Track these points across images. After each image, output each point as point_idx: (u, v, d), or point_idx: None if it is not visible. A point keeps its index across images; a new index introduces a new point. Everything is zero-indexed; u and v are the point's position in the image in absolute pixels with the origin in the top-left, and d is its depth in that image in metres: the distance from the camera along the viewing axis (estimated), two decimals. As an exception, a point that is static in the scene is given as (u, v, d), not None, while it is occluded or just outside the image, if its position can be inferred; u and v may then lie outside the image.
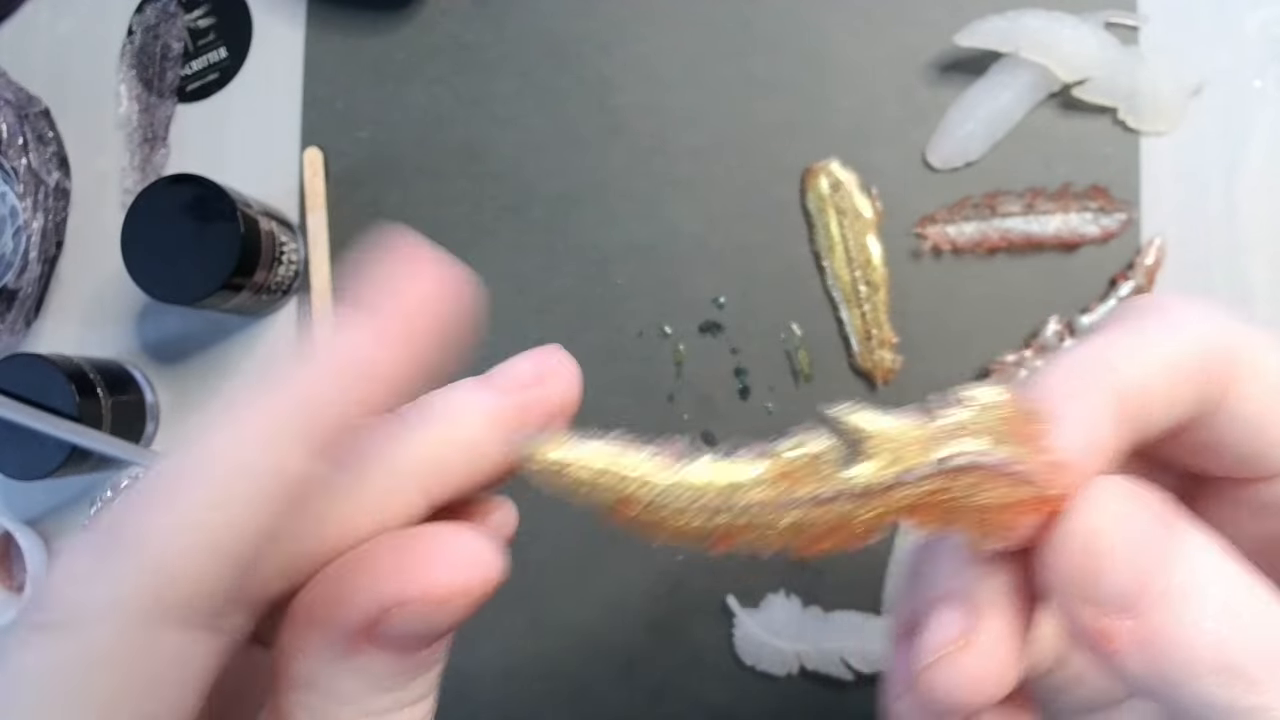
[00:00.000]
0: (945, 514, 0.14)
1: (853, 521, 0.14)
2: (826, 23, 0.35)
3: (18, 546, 0.37)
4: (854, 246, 0.33)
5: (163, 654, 0.13)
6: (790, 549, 0.14)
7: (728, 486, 0.14)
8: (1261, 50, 0.33)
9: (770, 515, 0.14)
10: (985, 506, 0.14)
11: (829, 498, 0.14)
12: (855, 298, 0.33)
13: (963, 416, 0.14)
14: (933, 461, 0.14)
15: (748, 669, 0.34)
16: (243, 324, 0.38)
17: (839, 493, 0.14)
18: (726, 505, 0.14)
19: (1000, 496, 0.14)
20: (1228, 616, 0.14)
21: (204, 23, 0.39)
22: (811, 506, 0.14)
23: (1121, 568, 0.14)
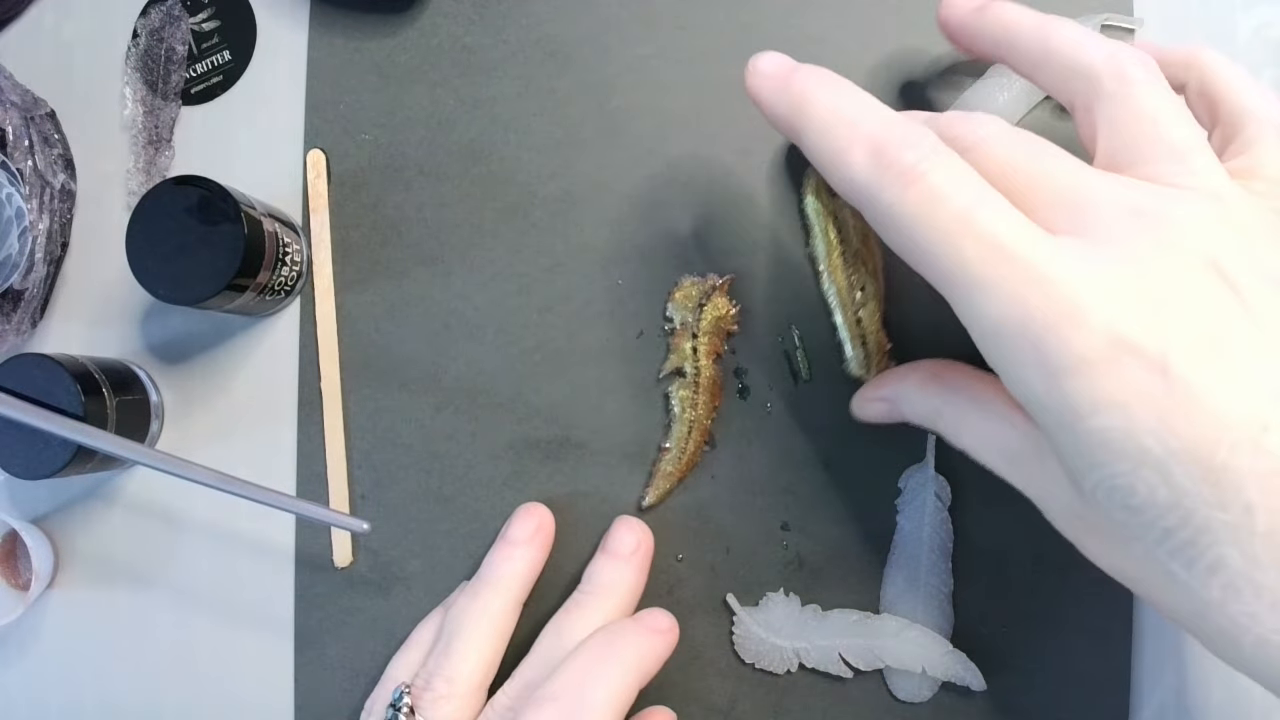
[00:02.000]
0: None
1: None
2: (825, 25, 0.36)
3: (24, 545, 0.38)
4: (850, 253, 0.33)
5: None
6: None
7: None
8: (1257, 53, 0.34)
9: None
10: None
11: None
12: (850, 304, 0.33)
13: None
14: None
15: (747, 666, 0.34)
16: (246, 324, 0.38)
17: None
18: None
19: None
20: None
21: (208, 26, 0.40)
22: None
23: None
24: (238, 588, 0.38)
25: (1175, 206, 0.22)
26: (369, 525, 0.33)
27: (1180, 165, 0.23)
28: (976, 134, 0.24)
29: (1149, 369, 0.20)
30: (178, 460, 0.32)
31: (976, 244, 0.22)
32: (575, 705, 0.26)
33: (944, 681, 0.33)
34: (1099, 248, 0.21)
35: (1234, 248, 0.21)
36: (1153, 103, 0.24)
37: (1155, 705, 0.33)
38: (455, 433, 0.37)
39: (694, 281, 0.35)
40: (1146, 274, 0.21)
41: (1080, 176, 0.23)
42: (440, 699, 0.30)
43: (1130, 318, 0.20)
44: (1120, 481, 0.21)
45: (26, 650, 0.39)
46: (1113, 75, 0.24)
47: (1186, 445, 0.20)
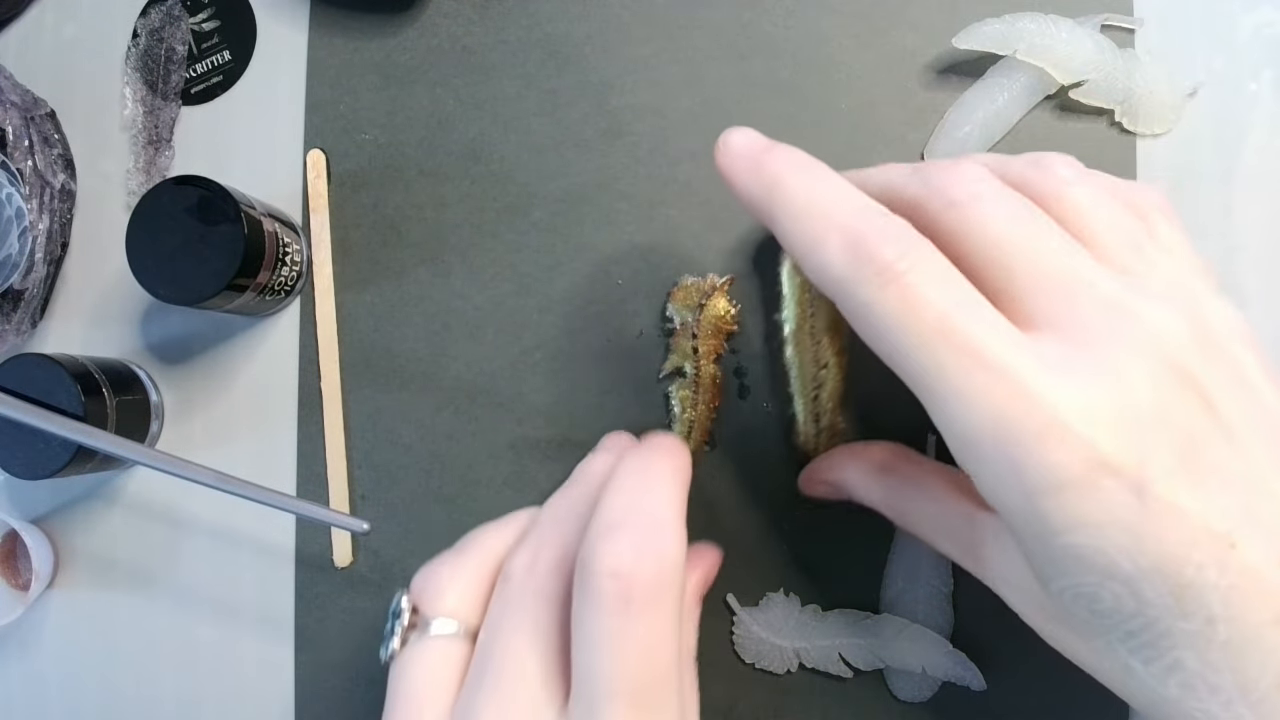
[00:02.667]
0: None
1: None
2: (825, 26, 0.36)
3: (24, 545, 0.38)
4: (820, 328, 0.32)
5: (683, 593, 0.24)
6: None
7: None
8: (1257, 53, 0.34)
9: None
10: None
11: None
12: (810, 380, 0.33)
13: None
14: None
15: (747, 666, 0.34)
16: (246, 324, 0.38)
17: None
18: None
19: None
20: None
21: (208, 26, 0.40)
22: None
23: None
24: (238, 588, 0.38)
25: (1153, 306, 0.22)
26: (369, 525, 0.33)
27: (1139, 254, 0.23)
28: (966, 190, 0.24)
29: (1127, 491, 0.20)
30: (178, 460, 0.32)
31: (955, 352, 0.21)
32: (648, 523, 0.23)
33: (944, 681, 0.33)
34: (1078, 352, 0.21)
35: (1206, 349, 0.22)
36: (1095, 196, 0.24)
37: (1155, 705, 0.33)
38: (455, 433, 0.37)
39: (694, 282, 0.35)
40: (1124, 388, 0.21)
41: (1067, 260, 0.22)
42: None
43: (1110, 438, 0.20)
44: (1087, 590, 0.21)
45: (26, 650, 0.39)
46: (1045, 174, 0.25)
47: (1155, 563, 0.20)
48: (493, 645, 0.24)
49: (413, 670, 0.25)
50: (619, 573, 0.22)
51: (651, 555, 0.22)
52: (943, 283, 0.22)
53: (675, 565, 0.23)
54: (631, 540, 0.23)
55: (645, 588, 0.22)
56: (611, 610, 0.22)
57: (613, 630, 0.22)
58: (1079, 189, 0.24)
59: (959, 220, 0.23)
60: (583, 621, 0.23)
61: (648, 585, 0.22)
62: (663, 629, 0.22)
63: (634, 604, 0.22)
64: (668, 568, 0.23)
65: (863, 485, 0.30)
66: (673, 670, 0.23)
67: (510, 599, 0.25)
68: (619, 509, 0.24)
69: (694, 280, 0.35)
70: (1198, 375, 0.21)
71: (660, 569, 0.22)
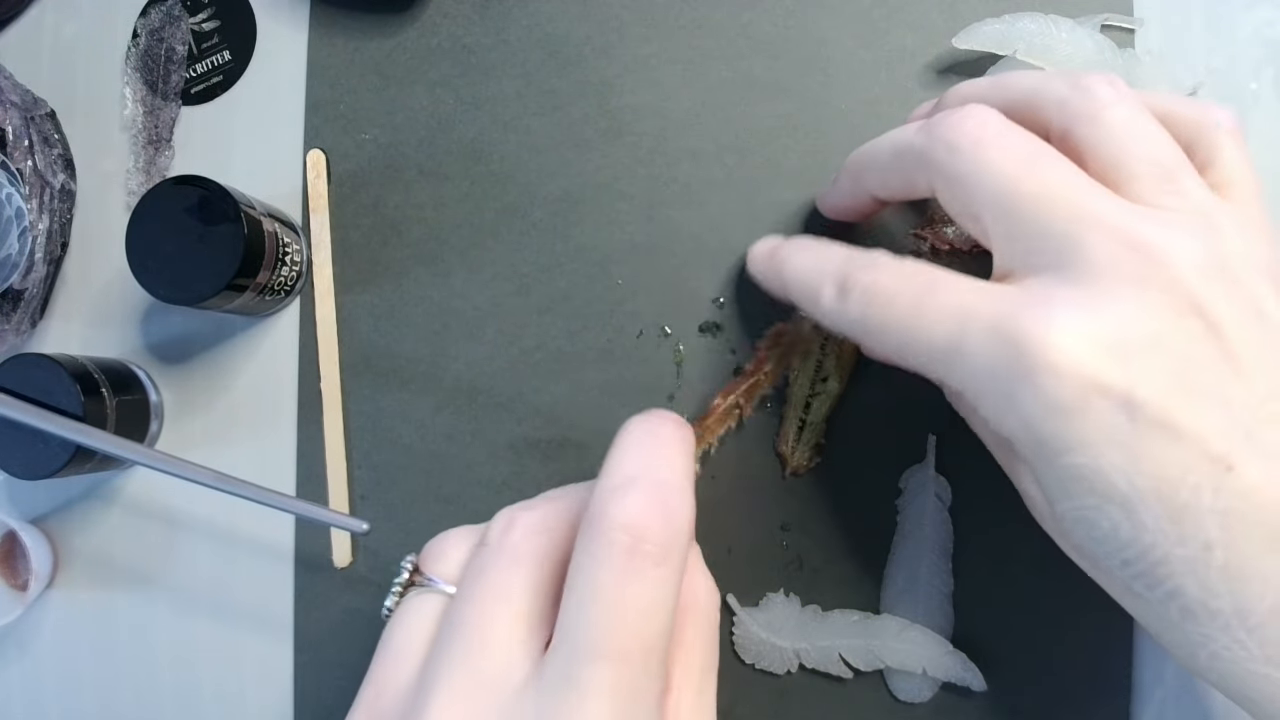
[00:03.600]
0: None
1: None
2: (825, 26, 0.36)
3: (22, 545, 0.38)
4: (831, 344, 0.34)
5: (683, 569, 0.23)
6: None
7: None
8: (1256, 52, 0.34)
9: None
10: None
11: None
12: (805, 391, 0.34)
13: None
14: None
15: (747, 666, 0.34)
16: (246, 324, 0.38)
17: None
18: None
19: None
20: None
21: (208, 26, 0.40)
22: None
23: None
24: (238, 588, 0.38)
25: (1167, 236, 0.22)
26: (369, 525, 0.33)
27: (1169, 185, 0.23)
28: (967, 136, 0.24)
29: (1118, 410, 0.21)
30: (178, 460, 0.32)
31: (939, 320, 0.23)
32: (660, 483, 0.23)
33: (944, 681, 0.33)
34: (1077, 289, 0.22)
35: (1220, 279, 0.22)
36: (1133, 119, 0.24)
37: (1155, 705, 0.33)
38: (455, 433, 0.36)
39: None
40: (1119, 316, 0.21)
41: (1078, 200, 0.23)
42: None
43: (1099, 361, 0.21)
44: (1087, 514, 0.22)
45: (26, 650, 0.39)
46: (1084, 96, 0.25)
47: (1151, 485, 0.21)
48: (461, 602, 0.24)
49: (400, 624, 0.25)
50: (629, 526, 0.22)
51: (661, 514, 0.22)
52: (906, 274, 0.25)
53: (683, 529, 0.23)
54: (644, 496, 0.22)
55: (654, 544, 0.22)
56: (616, 564, 0.21)
57: (613, 584, 0.21)
58: (1115, 110, 0.24)
59: (960, 166, 0.24)
60: (582, 572, 0.22)
61: (656, 543, 0.22)
62: (663, 592, 0.22)
63: (640, 560, 0.22)
64: (676, 529, 0.22)
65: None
66: (663, 641, 0.22)
67: (484, 558, 0.25)
68: (631, 467, 0.23)
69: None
70: (1204, 303, 0.21)
71: (670, 529, 0.22)
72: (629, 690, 0.21)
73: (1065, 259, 0.22)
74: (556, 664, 0.22)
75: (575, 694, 0.21)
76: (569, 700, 0.21)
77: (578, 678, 0.21)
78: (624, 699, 0.21)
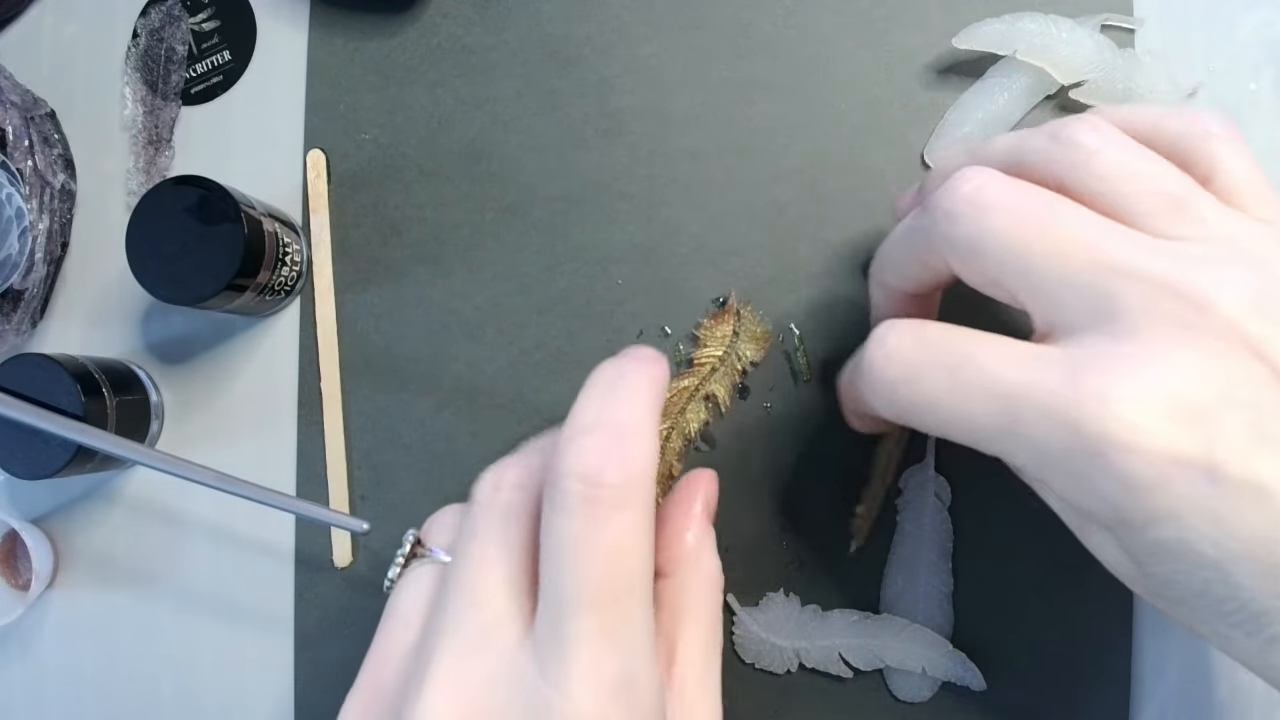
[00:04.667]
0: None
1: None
2: (825, 26, 0.36)
3: (23, 545, 0.38)
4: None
5: (653, 506, 0.22)
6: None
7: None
8: (1256, 52, 0.34)
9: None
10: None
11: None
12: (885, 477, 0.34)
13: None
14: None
15: (747, 666, 0.34)
16: (246, 324, 0.38)
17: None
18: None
19: None
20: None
21: (208, 26, 0.40)
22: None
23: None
24: (238, 588, 0.38)
25: (1203, 274, 0.21)
26: (369, 525, 0.33)
27: (1183, 214, 0.22)
28: (963, 203, 0.23)
29: (1198, 479, 0.20)
30: (178, 460, 0.32)
31: (992, 405, 0.22)
32: (617, 428, 0.22)
33: (944, 681, 0.33)
34: (1122, 345, 0.20)
35: (1269, 311, 0.20)
36: (1125, 158, 0.23)
37: (1156, 705, 0.33)
38: (455, 433, 0.37)
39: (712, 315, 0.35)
40: (1177, 372, 0.20)
41: (1100, 249, 0.21)
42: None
43: (1169, 429, 0.20)
44: (1179, 577, 0.21)
45: (26, 650, 0.39)
46: (1068, 148, 0.23)
47: (1243, 547, 0.20)
48: (455, 564, 0.24)
49: (401, 593, 0.26)
50: (585, 475, 0.21)
51: (618, 459, 0.22)
52: (931, 343, 0.23)
53: (643, 469, 0.22)
54: (599, 443, 0.22)
55: (612, 490, 0.21)
56: (577, 513, 0.21)
57: (578, 534, 0.21)
58: (1105, 155, 0.23)
59: (965, 235, 0.23)
60: (549, 528, 0.22)
61: (614, 488, 0.21)
62: (630, 534, 0.22)
63: (600, 506, 0.21)
64: (635, 471, 0.22)
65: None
66: (640, 581, 0.22)
67: (474, 519, 0.25)
68: (589, 414, 0.23)
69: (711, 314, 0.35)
70: (1262, 343, 0.20)
71: (627, 472, 0.22)
72: (616, 633, 0.21)
73: (1103, 315, 0.21)
74: (544, 618, 0.22)
75: (564, 646, 0.21)
76: (559, 653, 0.21)
77: (563, 630, 0.21)
78: (612, 642, 0.21)
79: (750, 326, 0.34)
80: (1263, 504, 0.19)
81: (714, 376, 0.34)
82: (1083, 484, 0.21)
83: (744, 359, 0.34)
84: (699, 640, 0.27)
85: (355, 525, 0.33)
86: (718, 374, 0.34)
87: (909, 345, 0.24)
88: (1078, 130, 0.23)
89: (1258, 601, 0.20)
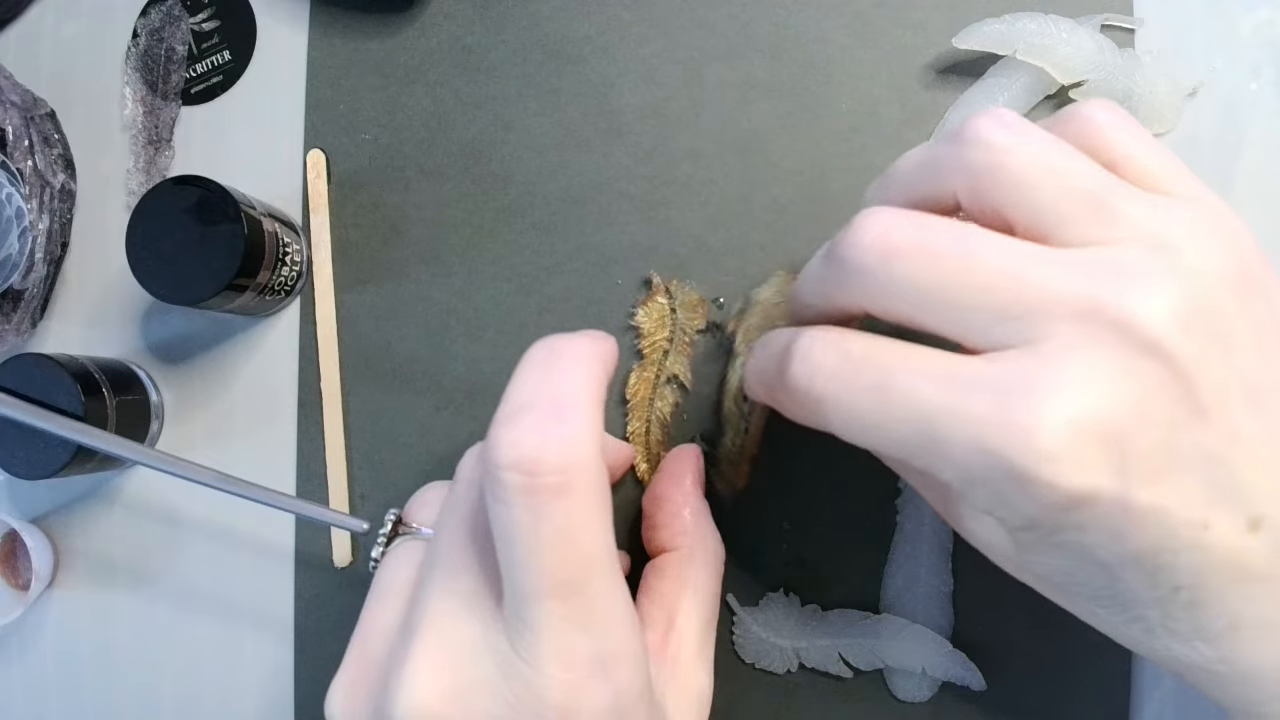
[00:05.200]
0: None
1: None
2: (825, 26, 0.36)
3: (23, 545, 0.38)
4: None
5: (603, 478, 0.21)
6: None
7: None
8: (1257, 52, 0.34)
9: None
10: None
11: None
12: (740, 434, 0.34)
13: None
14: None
15: (747, 666, 0.34)
16: (246, 324, 0.38)
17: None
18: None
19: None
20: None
21: (208, 26, 0.40)
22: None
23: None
24: (238, 588, 0.38)
25: (1121, 289, 0.20)
26: (369, 525, 0.33)
27: (1104, 214, 0.21)
28: (867, 255, 0.22)
29: (1111, 508, 0.20)
30: (178, 460, 0.32)
31: (915, 428, 0.21)
32: (553, 404, 0.21)
33: (944, 681, 0.33)
34: (1051, 370, 0.20)
35: (1183, 321, 0.20)
36: (1037, 155, 0.22)
37: (1155, 705, 0.33)
38: (455, 433, 0.37)
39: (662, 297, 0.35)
40: (1103, 400, 0.20)
41: (1016, 278, 0.21)
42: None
43: (1092, 466, 0.20)
44: (1063, 568, 0.22)
45: (26, 650, 0.39)
46: (978, 149, 0.22)
47: (1133, 554, 0.21)
48: (438, 538, 0.24)
49: (385, 570, 0.26)
50: (519, 463, 0.20)
51: (555, 441, 0.20)
52: (854, 360, 0.23)
53: (583, 448, 0.21)
54: (532, 426, 0.21)
55: (553, 474, 0.20)
56: (517, 505, 0.20)
57: (523, 524, 0.20)
58: (1016, 154, 0.22)
59: (875, 289, 0.23)
60: (495, 519, 0.21)
61: (554, 473, 0.20)
62: (579, 517, 0.21)
63: (540, 494, 0.20)
64: (575, 452, 0.21)
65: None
66: (600, 559, 0.21)
67: (456, 494, 0.25)
68: (522, 393, 0.22)
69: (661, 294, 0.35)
70: (1179, 357, 0.20)
71: (565, 454, 0.20)
72: (582, 615, 0.21)
73: (1025, 341, 0.21)
74: (509, 604, 0.22)
75: (532, 630, 0.21)
76: (528, 635, 0.21)
77: (528, 616, 0.21)
78: (580, 624, 0.21)
79: (683, 297, 0.35)
80: (1160, 522, 0.20)
81: (669, 358, 0.34)
82: (1000, 499, 0.21)
83: (689, 331, 0.35)
84: (698, 612, 0.28)
85: (355, 525, 0.33)
86: (671, 354, 0.35)
87: (832, 363, 0.23)
88: (985, 126, 0.22)
89: (1130, 591, 0.22)
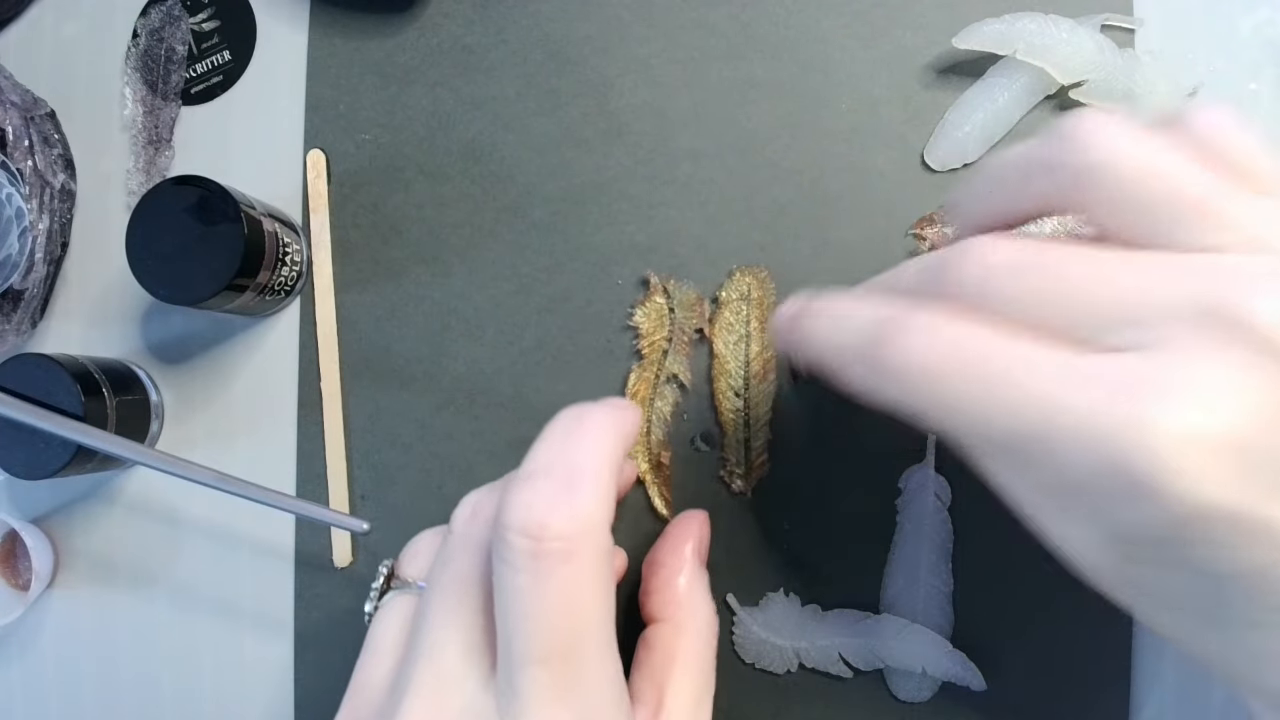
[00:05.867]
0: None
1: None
2: (825, 26, 0.36)
3: (23, 545, 0.38)
4: (754, 367, 0.34)
5: (608, 552, 0.22)
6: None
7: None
8: (1256, 53, 0.34)
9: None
10: None
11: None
12: (741, 427, 0.34)
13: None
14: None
15: (747, 666, 0.34)
16: (246, 324, 0.38)
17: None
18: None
19: None
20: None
21: (208, 26, 0.40)
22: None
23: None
24: (238, 588, 0.38)
25: (1236, 288, 0.19)
26: (369, 525, 0.33)
27: (1215, 220, 0.20)
28: (975, 278, 0.21)
29: (1225, 523, 0.18)
30: (178, 460, 0.32)
31: (1009, 415, 0.20)
32: (567, 473, 0.22)
33: (944, 681, 0.33)
34: (1177, 372, 0.18)
35: None
36: (1139, 154, 0.21)
37: (1155, 705, 0.33)
38: (455, 433, 0.37)
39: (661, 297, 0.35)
40: (1224, 403, 0.18)
41: (1117, 287, 0.20)
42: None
43: (1225, 481, 0.18)
44: (1168, 582, 0.20)
45: (26, 650, 0.39)
46: (1084, 145, 0.21)
47: (1244, 571, 0.19)
48: (429, 594, 0.24)
49: (377, 626, 0.26)
50: (527, 527, 0.21)
51: (564, 508, 0.21)
52: (950, 340, 0.21)
53: (590, 518, 0.21)
54: (543, 492, 0.21)
55: (559, 540, 0.21)
56: (522, 568, 0.21)
57: (523, 589, 0.21)
58: (1122, 159, 0.21)
59: (991, 302, 0.21)
60: (498, 581, 0.21)
61: (561, 539, 0.21)
62: (579, 587, 0.21)
63: (545, 560, 0.21)
64: (581, 520, 0.21)
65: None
66: (596, 631, 0.21)
67: (449, 549, 0.24)
68: (540, 459, 0.22)
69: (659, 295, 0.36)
70: None
71: (572, 522, 0.21)
72: (570, 685, 0.21)
73: (1142, 345, 0.19)
74: (501, 669, 0.22)
75: (519, 699, 0.21)
76: (514, 705, 0.21)
77: (517, 683, 0.21)
78: (566, 695, 0.21)
79: (681, 296, 0.35)
80: (1273, 540, 0.19)
81: (668, 357, 0.34)
82: (1110, 504, 0.19)
83: (688, 330, 0.35)
84: (689, 688, 0.27)
85: (355, 525, 0.33)
86: (670, 354, 0.35)
87: (941, 345, 0.21)
88: (1083, 129, 0.21)
89: (1232, 608, 0.20)
